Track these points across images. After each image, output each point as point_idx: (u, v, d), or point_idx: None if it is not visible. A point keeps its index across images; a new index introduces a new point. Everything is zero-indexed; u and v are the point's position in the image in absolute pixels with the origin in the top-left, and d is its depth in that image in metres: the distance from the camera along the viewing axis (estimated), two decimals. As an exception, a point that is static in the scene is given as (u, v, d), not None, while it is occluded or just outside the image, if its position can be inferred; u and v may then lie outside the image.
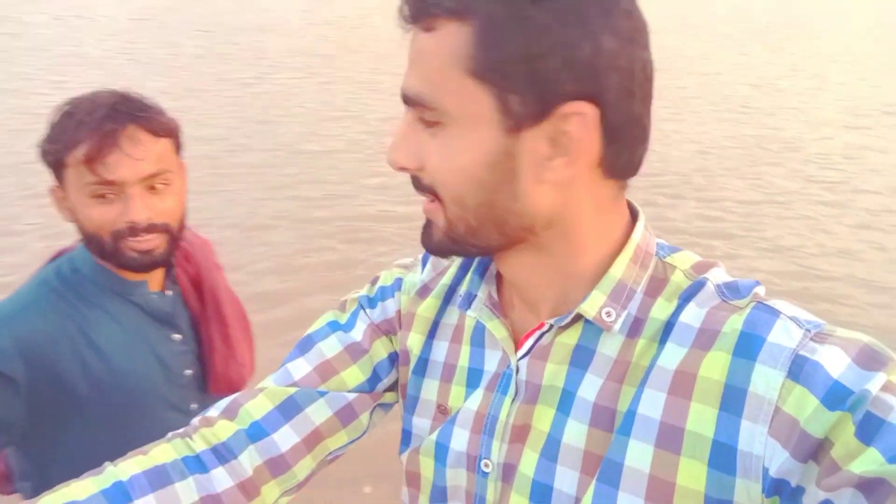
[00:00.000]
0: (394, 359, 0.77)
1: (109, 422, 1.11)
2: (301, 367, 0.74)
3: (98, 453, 0.69)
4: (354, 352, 0.75)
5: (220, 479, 0.68)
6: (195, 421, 0.73)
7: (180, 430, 0.72)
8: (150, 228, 1.09)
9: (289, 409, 0.71)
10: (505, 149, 0.56)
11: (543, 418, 0.63)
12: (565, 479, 0.60)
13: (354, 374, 0.75)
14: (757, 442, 0.52)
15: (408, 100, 0.58)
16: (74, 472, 0.64)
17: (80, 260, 1.15)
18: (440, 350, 0.74)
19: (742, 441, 0.53)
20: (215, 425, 0.71)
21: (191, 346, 1.26)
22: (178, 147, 1.15)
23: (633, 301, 0.61)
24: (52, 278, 1.13)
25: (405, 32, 0.59)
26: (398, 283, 0.79)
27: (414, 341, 0.75)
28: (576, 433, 0.60)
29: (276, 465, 0.70)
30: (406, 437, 0.75)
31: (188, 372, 1.24)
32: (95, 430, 1.10)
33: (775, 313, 0.56)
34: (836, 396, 0.49)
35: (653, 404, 0.57)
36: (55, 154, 1.06)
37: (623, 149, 0.58)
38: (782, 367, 0.52)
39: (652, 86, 0.58)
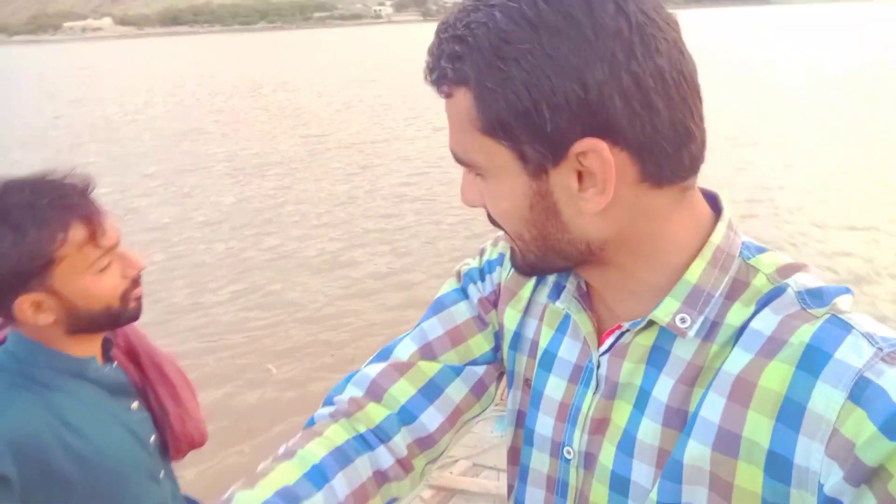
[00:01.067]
0: (502, 329, 0.81)
1: (99, 501, 1.11)
2: (435, 329, 0.81)
3: None
4: (478, 322, 0.81)
5: (383, 456, 0.75)
6: (345, 401, 0.78)
7: (339, 408, 0.78)
8: (139, 276, 1.17)
9: (431, 392, 0.78)
10: (537, 190, 0.59)
11: (621, 413, 0.65)
12: (641, 472, 0.63)
13: (480, 343, 0.80)
14: (813, 459, 0.52)
15: (453, 156, 0.63)
16: None
17: (23, 351, 1.10)
18: (531, 327, 0.77)
19: (798, 455, 0.53)
20: (366, 408, 0.77)
21: (146, 414, 1.26)
22: None
23: (710, 305, 0.61)
24: (4, 375, 1.08)
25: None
26: (501, 258, 0.82)
27: (510, 317, 0.79)
28: (650, 431, 0.62)
29: (425, 443, 0.77)
30: (509, 413, 0.80)
31: (153, 438, 1.25)
32: None
33: (848, 328, 0.54)
34: (894, 425, 0.48)
35: (713, 408, 0.58)
36: (40, 257, 1.02)
37: (663, 158, 0.57)
38: (844, 387, 0.51)
39: (688, 82, 0.56)
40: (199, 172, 10.41)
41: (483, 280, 0.82)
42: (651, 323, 0.63)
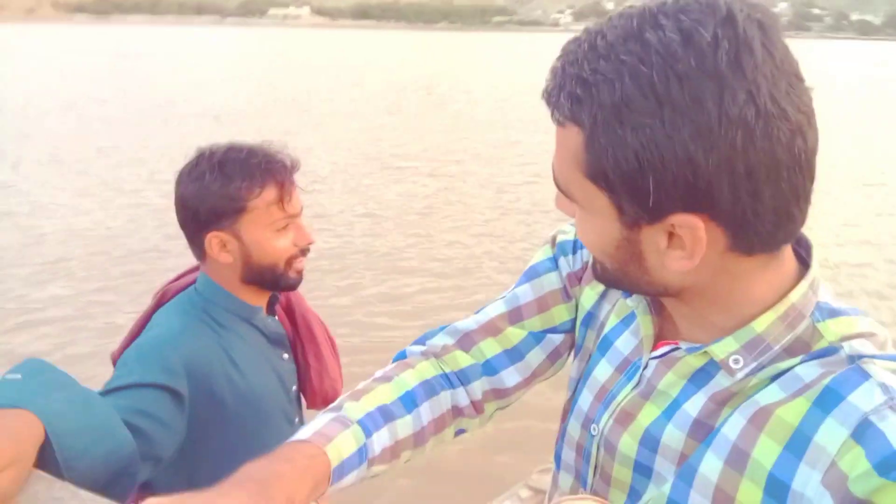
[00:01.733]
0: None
1: (244, 433, 1.23)
2: (526, 294, 0.88)
3: (233, 466, 0.66)
4: (563, 293, 0.88)
5: (462, 396, 0.88)
6: (438, 344, 0.90)
7: (429, 349, 0.90)
8: (307, 250, 1.30)
9: (514, 355, 0.88)
10: (627, 237, 0.60)
11: (647, 416, 0.70)
12: (664, 465, 0.68)
13: (561, 313, 0.88)
14: (810, 486, 0.55)
15: (553, 177, 0.64)
16: (214, 483, 0.62)
17: (209, 291, 1.27)
18: (604, 310, 0.83)
19: (797, 482, 0.56)
20: (455, 353, 0.89)
21: (293, 366, 1.41)
22: None
23: (766, 355, 0.62)
24: (190, 308, 1.25)
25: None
26: None
27: (588, 297, 0.85)
28: (675, 438, 0.67)
29: (500, 394, 0.89)
30: (571, 381, 0.87)
31: (294, 388, 1.40)
32: (233, 442, 1.21)
33: (866, 376, 0.56)
34: (888, 464, 0.50)
35: (733, 427, 0.62)
36: (235, 202, 1.18)
37: (757, 236, 0.57)
38: (849, 426, 0.54)
39: (802, 170, 0.55)
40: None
41: (574, 254, 0.87)
42: (705, 352, 0.65)
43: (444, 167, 10.43)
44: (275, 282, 1.27)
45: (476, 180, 9.65)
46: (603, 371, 0.78)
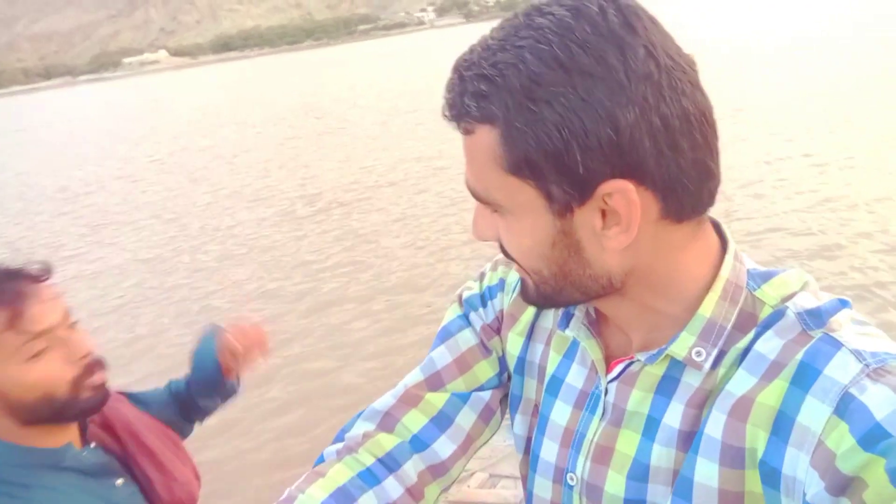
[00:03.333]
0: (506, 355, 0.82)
1: None
2: (444, 357, 0.82)
3: None
4: (481, 349, 0.82)
5: (392, 487, 0.76)
6: (357, 434, 0.80)
7: (347, 444, 0.79)
8: (97, 362, 1.12)
9: (442, 422, 0.79)
10: (560, 229, 0.59)
11: (628, 443, 0.66)
12: (657, 493, 0.63)
13: (485, 369, 0.81)
14: (800, 469, 0.54)
15: (470, 192, 0.63)
16: None
17: None
18: (536, 352, 0.78)
19: (786, 466, 0.55)
20: (377, 437, 0.78)
21: (133, 487, 1.23)
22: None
23: (722, 338, 0.62)
24: None
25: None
26: (501, 283, 0.83)
27: (514, 343, 0.80)
28: (664, 456, 0.63)
29: (438, 471, 0.79)
30: (518, 440, 0.80)
31: None
32: None
33: (837, 345, 0.56)
34: (872, 438, 0.50)
35: (716, 426, 0.60)
36: None
37: (686, 196, 0.58)
38: (831, 402, 0.53)
39: (709, 123, 0.58)
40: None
41: (484, 307, 0.83)
42: (666, 356, 0.64)
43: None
44: (63, 415, 1.09)
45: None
46: (561, 413, 0.73)
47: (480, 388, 0.81)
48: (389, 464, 0.77)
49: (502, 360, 0.82)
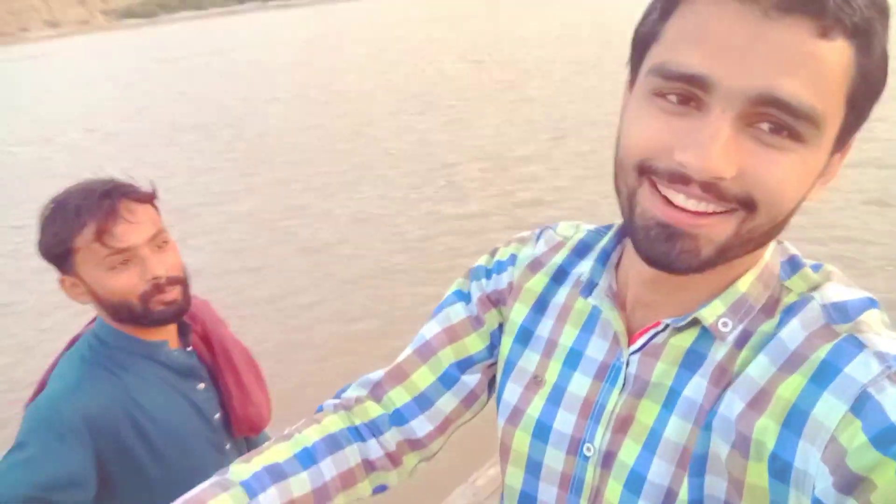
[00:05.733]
0: (503, 328, 0.81)
1: (168, 470, 1.24)
2: (432, 329, 0.83)
3: (166, 501, 0.69)
4: (474, 321, 0.82)
5: (374, 448, 0.82)
6: (351, 397, 0.85)
7: (342, 402, 0.85)
8: (169, 281, 1.23)
9: (423, 403, 0.82)
10: (823, 165, 0.56)
11: (648, 413, 0.64)
12: (659, 470, 0.62)
13: (474, 342, 0.82)
14: (811, 463, 0.53)
15: (777, 102, 0.50)
16: None
17: (103, 333, 1.26)
18: (545, 326, 0.76)
19: (798, 459, 0.54)
20: (366, 404, 0.84)
21: (213, 394, 1.38)
22: (158, 210, 1.28)
23: (750, 317, 0.61)
24: (88, 354, 1.23)
25: (744, 8, 0.50)
26: (513, 258, 0.82)
27: (518, 312, 0.79)
28: (679, 429, 0.61)
29: (415, 444, 0.83)
30: (498, 402, 0.79)
31: (217, 416, 1.38)
32: (159, 480, 1.22)
33: (861, 347, 0.54)
34: (886, 439, 0.48)
35: (731, 408, 0.58)
36: (61, 244, 1.18)
37: None
38: (847, 399, 0.52)
39: None
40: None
41: (488, 278, 0.83)
42: (692, 323, 0.63)
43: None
44: (140, 321, 1.23)
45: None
46: (580, 384, 0.70)
47: (470, 360, 0.81)
48: (373, 429, 0.83)
49: (494, 335, 0.82)
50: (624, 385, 0.66)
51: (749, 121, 0.52)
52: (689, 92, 0.52)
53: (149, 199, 1.25)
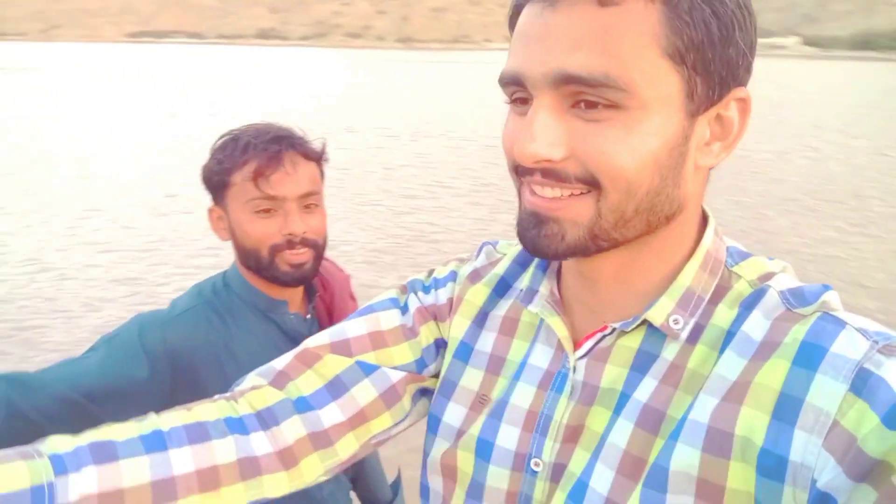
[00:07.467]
0: (440, 345, 0.76)
1: None
2: (357, 328, 0.74)
3: None
4: (407, 331, 0.75)
5: (260, 443, 0.67)
6: (242, 386, 0.73)
7: (226, 394, 0.72)
8: (304, 242, 1.20)
9: (336, 388, 0.71)
10: (683, 132, 0.55)
11: (598, 419, 0.62)
12: (601, 477, 0.59)
13: (403, 352, 0.74)
14: (809, 453, 0.50)
15: (572, 79, 0.53)
16: None
17: (231, 277, 1.27)
18: (487, 341, 0.73)
19: (794, 451, 0.51)
20: (263, 390, 0.71)
21: None
22: (322, 173, 1.27)
23: (700, 309, 0.60)
24: (208, 291, 1.25)
25: (536, 6, 0.55)
26: (453, 274, 0.79)
27: (459, 326, 0.74)
28: (621, 432, 0.59)
29: (319, 439, 0.70)
30: (434, 423, 0.73)
31: None
32: None
33: (841, 324, 0.53)
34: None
35: (703, 409, 0.56)
36: (222, 174, 1.20)
37: None
38: (845, 379, 0.50)
39: None
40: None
41: (426, 292, 0.78)
42: (640, 324, 0.61)
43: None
44: (263, 271, 1.21)
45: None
46: (523, 396, 0.67)
47: (392, 368, 0.73)
48: (266, 418, 0.69)
49: (427, 352, 0.75)
50: (572, 392, 0.64)
51: (568, 102, 0.54)
52: (520, 92, 0.57)
53: (316, 157, 1.24)
